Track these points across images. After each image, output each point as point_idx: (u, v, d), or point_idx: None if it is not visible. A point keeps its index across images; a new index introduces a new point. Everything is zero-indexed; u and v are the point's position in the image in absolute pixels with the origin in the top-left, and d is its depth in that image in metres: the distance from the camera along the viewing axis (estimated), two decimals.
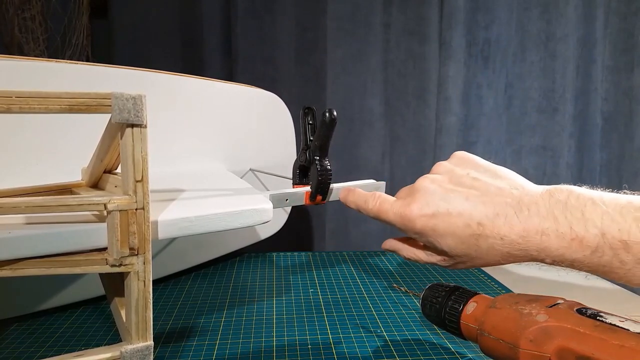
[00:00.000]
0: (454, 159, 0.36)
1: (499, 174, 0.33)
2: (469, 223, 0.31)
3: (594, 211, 0.27)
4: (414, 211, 0.32)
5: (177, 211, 0.35)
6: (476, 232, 0.30)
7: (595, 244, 0.27)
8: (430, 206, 0.32)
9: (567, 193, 0.29)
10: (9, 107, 0.26)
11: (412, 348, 0.44)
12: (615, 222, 0.26)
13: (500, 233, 0.30)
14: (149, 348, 0.31)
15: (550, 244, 0.28)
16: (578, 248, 0.27)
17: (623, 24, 0.90)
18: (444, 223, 0.31)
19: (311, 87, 0.91)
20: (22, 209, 0.28)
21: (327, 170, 0.44)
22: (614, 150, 0.94)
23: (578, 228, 0.27)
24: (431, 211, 0.32)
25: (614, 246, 0.26)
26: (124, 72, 0.53)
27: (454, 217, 0.31)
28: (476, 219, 0.30)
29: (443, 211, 0.32)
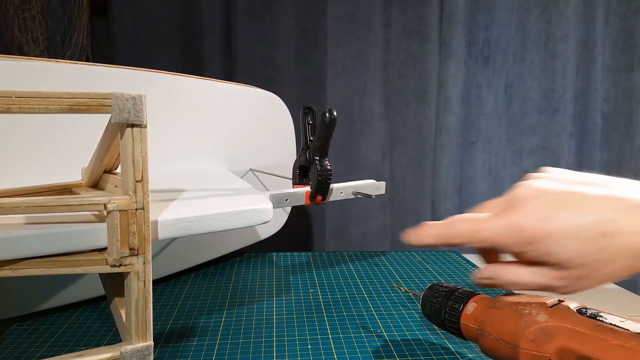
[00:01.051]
0: (544, 171, 0.31)
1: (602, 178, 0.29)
2: (595, 220, 0.26)
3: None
4: (522, 217, 0.27)
5: (177, 211, 0.35)
6: (604, 230, 0.26)
7: None
8: (543, 210, 0.27)
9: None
10: (9, 107, 0.26)
11: (412, 348, 0.44)
12: None
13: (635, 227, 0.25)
14: (149, 348, 0.31)
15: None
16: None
17: (623, 24, 0.90)
18: (562, 224, 0.26)
19: (311, 87, 0.91)
20: (22, 209, 0.28)
21: (327, 170, 0.44)
22: (614, 150, 0.94)
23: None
24: (544, 215, 0.27)
25: None
26: (124, 72, 0.53)
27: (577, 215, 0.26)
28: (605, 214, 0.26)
29: (561, 210, 0.27)
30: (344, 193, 0.48)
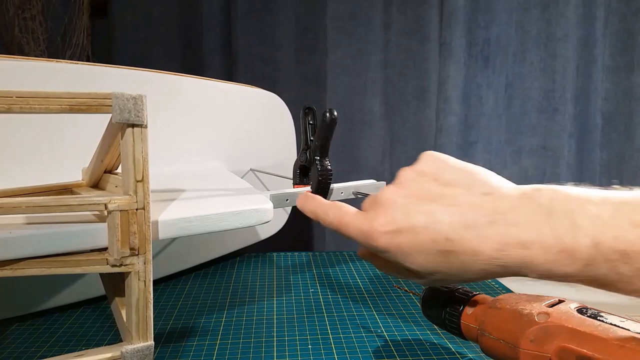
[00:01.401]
0: (421, 162, 0.31)
1: (470, 176, 0.28)
2: (435, 238, 0.26)
3: (584, 216, 0.23)
4: (376, 227, 0.28)
5: (177, 211, 0.35)
6: (445, 249, 0.26)
7: (588, 256, 0.22)
8: (394, 222, 0.28)
9: (550, 195, 0.24)
10: (9, 107, 0.26)
11: (412, 348, 0.44)
12: (609, 227, 0.22)
13: (473, 248, 0.25)
14: (149, 348, 0.31)
15: (535, 258, 0.24)
16: (568, 261, 0.23)
17: (623, 24, 0.90)
18: (409, 240, 0.27)
19: (311, 87, 0.91)
20: (22, 209, 0.28)
21: (327, 170, 0.44)
22: (614, 150, 0.94)
23: (567, 238, 0.23)
24: (394, 227, 0.28)
25: (610, 257, 0.22)
26: (124, 72, 0.53)
27: (420, 233, 0.27)
28: (443, 233, 0.26)
29: (407, 226, 0.27)
30: (345, 193, 0.48)
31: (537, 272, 0.24)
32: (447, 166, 0.30)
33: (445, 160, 0.30)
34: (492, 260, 0.25)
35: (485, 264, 0.25)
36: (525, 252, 0.24)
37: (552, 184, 0.26)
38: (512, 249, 0.24)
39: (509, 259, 0.25)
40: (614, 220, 0.22)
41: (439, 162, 0.30)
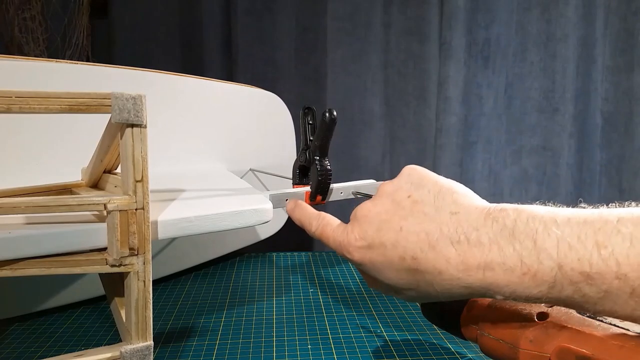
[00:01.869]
0: (400, 176, 0.31)
1: (443, 195, 0.28)
2: (403, 256, 0.27)
3: (548, 237, 0.22)
4: (351, 241, 0.30)
5: (177, 211, 0.35)
6: (412, 267, 0.27)
7: (552, 278, 0.22)
8: (366, 237, 0.29)
9: (514, 215, 0.24)
10: (8, 107, 0.26)
11: (412, 348, 0.44)
12: (573, 250, 0.22)
13: (437, 267, 0.26)
14: (148, 348, 0.31)
15: (497, 279, 0.24)
16: (532, 284, 0.23)
17: (623, 24, 0.90)
18: (380, 256, 0.28)
19: (311, 87, 0.91)
20: (22, 209, 0.28)
21: (327, 170, 0.44)
22: (614, 150, 0.93)
23: (529, 260, 0.23)
24: (366, 243, 0.29)
25: (574, 279, 0.22)
26: (124, 72, 0.53)
27: (389, 250, 0.28)
28: (410, 251, 0.27)
29: (377, 243, 0.28)
30: (344, 193, 0.48)
31: (501, 293, 0.24)
32: (423, 182, 0.30)
33: (422, 175, 0.30)
34: (455, 280, 0.25)
35: (450, 284, 0.26)
36: (488, 274, 0.24)
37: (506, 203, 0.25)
38: (474, 270, 0.24)
39: (472, 279, 0.25)
40: (578, 242, 0.22)
41: (415, 178, 0.30)
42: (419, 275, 0.27)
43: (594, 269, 0.21)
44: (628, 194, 0.93)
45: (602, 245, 0.21)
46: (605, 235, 0.21)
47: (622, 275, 0.20)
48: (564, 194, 0.93)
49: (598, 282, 0.21)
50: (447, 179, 0.30)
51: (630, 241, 0.20)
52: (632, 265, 0.20)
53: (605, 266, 0.21)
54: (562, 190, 0.93)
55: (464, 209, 0.26)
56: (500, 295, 0.24)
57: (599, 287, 0.21)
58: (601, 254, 0.21)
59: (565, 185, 0.93)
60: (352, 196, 0.49)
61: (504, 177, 0.95)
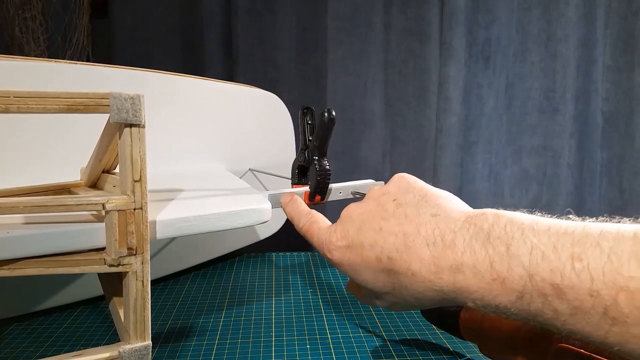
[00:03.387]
0: (390, 182, 0.32)
1: (427, 197, 0.28)
2: (379, 256, 0.27)
3: (522, 245, 0.21)
4: (332, 241, 0.30)
5: (175, 211, 0.35)
6: (387, 267, 0.27)
7: (521, 287, 0.21)
8: (346, 237, 0.29)
9: (493, 219, 0.23)
10: (7, 107, 0.26)
11: (411, 348, 0.44)
12: (546, 259, 0.20)
13: (411, 268, 0.25)
14: (147, 348, 0.31)
15: (467, 283, 0.23)
16: (500, 291, 0.22)
17: (623, 24, 0.90)
18: (358, 257, 0.28)
19: (311, 87, 0.91)
20: (20, 208, 0.28)
21: (326, 170, 0.44)
22: (614, 150, 0.93)
23: (500, 266, 0.22)
24: (346, 242, 0.29)
25: (545, 291, 0.20)
26: (124, 72, 0.53)
27: (367, 250, 0.28)
28: (386, 251, 0.27)
29: (357, 243, 0.28)
30: (343, 193, 0.48)
31: (471, 299, 0.23)
32: (410, 188, 0.30)
33: (410, 182, 0.30)
34: (427, 282, 0.25)
35: (422, 286, 0.25)
36: (458, 277, 0.23)
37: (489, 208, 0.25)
38: (446, 272, 0.24)
39: (443, 282, 0.24)
40: (553, 252, 0.20)
41: (403, 184, 0.30)
42: (394, 276, 0.26)
43: (566, 282, 0.20)
44: (628, 194, 0.93)
45: (577, 258, 0.20)
46: (582, 248, 0.20)
47: (595, 292, 0.19)
48: (564, 194, 0.93)
49: (569, 297, 0.19)
50: (437, 189, 0.30)
51: (608, 256, 0.19)
52: (606, 283, 0.18)
53: (578, 280, 0.19)
54: (563, 190, 0.93)
55: (445, 212, 0.26)
56: (471, 302, 0.24)
57: (570, 302, 0.20)
58: (575, 267, 0.19)
59: (565, 185, 0.93)
60: (351, 196, 0.49)
61: (504, 177, 0.95)
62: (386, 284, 0.27)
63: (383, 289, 0.28)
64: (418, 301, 0.26)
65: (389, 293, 0.28)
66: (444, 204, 0.27)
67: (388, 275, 0.27)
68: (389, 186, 0.31)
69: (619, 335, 0.19)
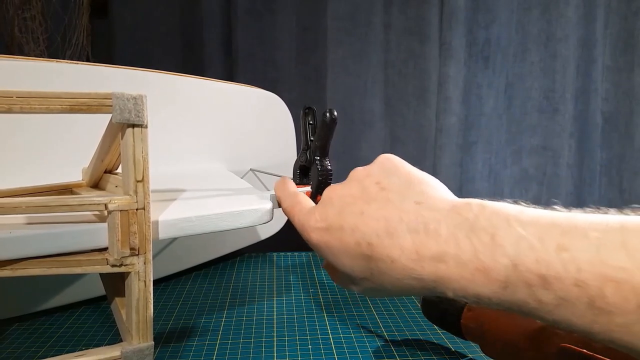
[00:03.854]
0: (374, 163, 0.31)
1: (411, 184, 0.27)
2: (359, 241, 0.26)
3: (508, 235, 0.21)
4: (311, 223, 0.29)
5: (177, 211, 0.35)
6: (366, 253, 0.26)
7: (505, 277, 0.21)
8: (326, 219, 0.28)
9: (477, 209, 0.23)
10: (10, 107, 0.26)
11: (412, 348, 0.44)
12: (533, 249, 0.20)
13: (391, 255, 0.24)
14: (149, 348, 0.31)
15: (449, 273, 0.23)
16: (483, 281, 0.21)
17: (623, 24, 0.90)
18: (337, 240, 0.27)
19: (311, 87, 0.91)
20: (22, 209, 0.28)
21: (327, 170, 0.44)
22: (614, 150, 0.94)
23: (484, 256, 0.21)
24: (325, 224, 0.28)
25: (530, 281, 0.20)
26: (124, 72, 0.53)
27: (347, 234, 0.27)
28: (367, 237, 0.26)
29: (336, 226, 0.27)
30: None
31: (451, 289, 0.23)
32: (395, 171, 0.29)
33: (396, 164, 0.30)
34: (407, 270, 0.24)
35: (401, 274, 0.24)
36: (440, 266, 0.23)
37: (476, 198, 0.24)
38: (427, 261, 0.23)
39: (424, 271, 0.23)
40: (539, 242, 0.20)
41: (388, 166, 0.30)
42: (372, 262, 0.26)
43: (552, 272, 0.19)
44: (628, 194, 0.93)
45: (564, 248, 0.19)
46: (570, 238, 0.20)
47: (582, 282, 0.19)
48: (564, 194, 0.93)
49: (555, 288, 0.19)
50: (421, 172, 0.29)
51: (596, 247, 0.19)
52: (593, 274, 0.18)
53: (564, 270, 0.19)
54: (562, 190, 0.93)
55: (430, 200, 0.26)
56: (451, 292, 0.23)
57: (555, 293, 0.19)
58: (561, 257, 0.19)
59: (565, 185, 0.93)
60: None
61: (504, 177, 0.95)
62: (364, 269, 0.26)
63: (360, 274, 0.27)
64: (396, 288, 0.26)
65: (366, 279, 0.27)
66: (429, 191, 0.26)
67: (367, 260, 0.26)
68: (373, 167, 0.30)
69: (604, 325, 0.18)
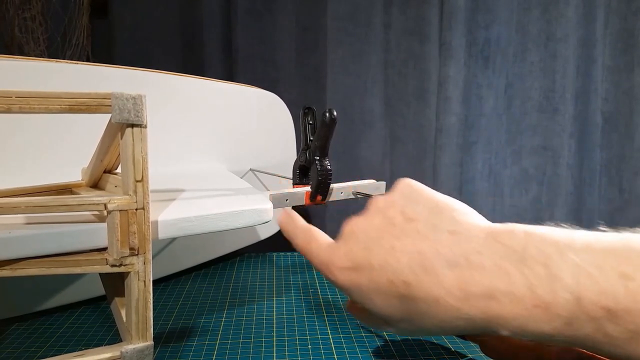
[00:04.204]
0: (394, 191, 0.29)
1: (439, 212, 0.25)
2: (392, 280, 0.24)
3: (563, 264, 0.19)
4: (336, 262, 0.27)
5: (177, 211, 0.35)
6: (402, 292, 0.23)
7: (568, 312, 0.19)
8: (353, 257, 0.26)
9: (523, 237, 0.21)
10: (9, 107, 0.26)
11: (412, 348, 0.44)
12: (593, 280, 0.19)
13: (432, 294, 0.22)
14: (149, 348, 0.31)
15: (503, 311, 0.20)
16: (545, 318, 0.20)
17: (623, 24, 0.90)
18: (367, 280, 0.25)
19: (311, 87, 0.91)
20: (22, 209, 0.28)
21: (327, 170, 0.44)
22: (614, 151, 0.94)
23: (542, 290, 0.19)
24: (353, 264, 0.26)
25: (595, 315, 0.18)
26: (124, 72, 0.53)
27: (376, 272, 0.24)
28: (400, 274, 0.23)
29: (365, 264, 0.25)
30: (344, 193, 0.48)
31: (507, 328, 0.21)
32: (418, 198, 0.27)
33: (418, 190, 0.28)
34: (453, 311, 0.22)
35: (447, 315, 0.22)
36: (492, 304, 0.21)
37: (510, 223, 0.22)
38: (477, 299, 0.21)
39: (474, 310, 0.21)
40: (599, 272, 0.19)
41: (410, 192, 0.28)
42: (410, 303, 0.23)
43: (620, 305, 0.18)
44: (628, 194, 0.93)
45: (628, 277, 0.18)
46: (632, 265, 0.18)
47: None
48: (564, 194, 0.93)
49: (625, 321, 0.18)
50: (444, 196, 0.27)
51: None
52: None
53: (633, 302, 0.18)
54: (562, 190, 0.93)
55: (464, 228, 0.23)
56: (507, 331, 0.21)
57: (625, 326, 0.18)
58: (628, 287, 0.18)
59: (565, 185, 0.93)
60: (352, 196, 0.49)
61: (504, 177, 0.95)
62: (401, 310, 0.24)
63: (396, 315, 0.24)
64: (440, 330, 0.24)
65: (403, 320, 0.24)
66: (461, 218, 0.24)
67: (403, 301, 0.23)
68: (394, 195, 0.28)
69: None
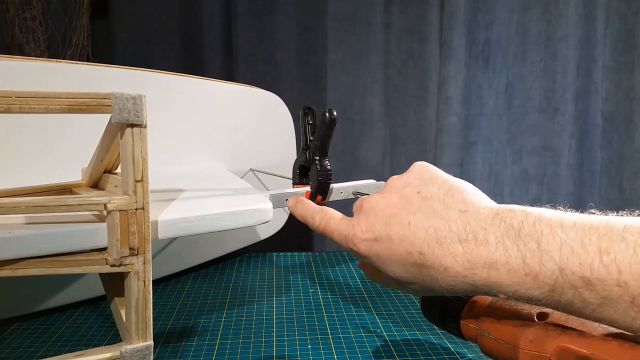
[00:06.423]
0: (409, 172, 0.32)
1: (452, 192, 0.29)
2: (410, 251, 0.28)
3: (552, 240, 0.23)
4: (357, 234, 0.30)
5: (177, 211, 0.35)
6: (418, 262, 0.27)
7: (553, 281, 0.23)
8: (373, 230, 0.30)
9: (521, 216, 0.25)
10: (9, 107, 0.26)
11: (412, 348, 0.44)
12: (575, 254, 0.22)
13: (443, 264, 0.26)
14: (149, 348, 0.31)
15: (501, 279, 0.25)
16: (533, 285, 0.23)
17: (623, 24, 0.90)
18: (386, 250, 0.29)
19: (311, 87, 0.91)
20: (22, 209, 0.28)
21: (327, 170, 0.44)
22: (614, 150, 0.93)
23: (532, 262, 0.23)
24: (373, 235, 0.29)
25: (575, 284, 0.22)
26: (124, 72, 0.53)
27: (396, 244, 0.28)
28: (417, 246, 0.27)
29: (385, 236, 0.29)
30: (344, 193, 0.48)
31: (504, 292, 0.25)
32: (433, 179, 0.30)
33: (432, 172, 0.31)
34: (460, 277, 0.26)
35: (455, 280, 0.26)
36: (492, 273, 0.25)
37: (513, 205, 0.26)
38: (480, 269, 0.25)
39: (477, 277, 0.25)
40: (581, 247, 0.22)
41: (426, 174, 0.31)
42: (424, 270, 0.27)
43: (595, 275, 0.21)
44: (628, 194, 0.93)
45: (604, 252, 0.21)
46: (609, 242, 0.21)
47: (623, 282, 0.21)
48: (564, 194, 0.93)
49: (598, 288, 0.21)
50: (456, 178, 0.30)
51: (634, 249, 0.21)
52: (633, 274, 0.20)
53: (606, 272, 0.21)
54: (563, 190, 0.93)
55: (473, 208, 0.27)
56: (503, 294, 0.25)
57: (599, 293, 0.21)
58: (603, 260, 0.21)
59: (565, 185, 0.93)
60: (352, 196, 0.49)
61: (504, 177, 0.95)
62: (416, 275, 0.28)
63: (409, 278, 0.29)
64: (447, 291, 0.28)
65: (415, 283, 0.29)
66: (470, 198, 0.28)
67: (418, 268, 0.28)
68: (410, 176, 0.31)
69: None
